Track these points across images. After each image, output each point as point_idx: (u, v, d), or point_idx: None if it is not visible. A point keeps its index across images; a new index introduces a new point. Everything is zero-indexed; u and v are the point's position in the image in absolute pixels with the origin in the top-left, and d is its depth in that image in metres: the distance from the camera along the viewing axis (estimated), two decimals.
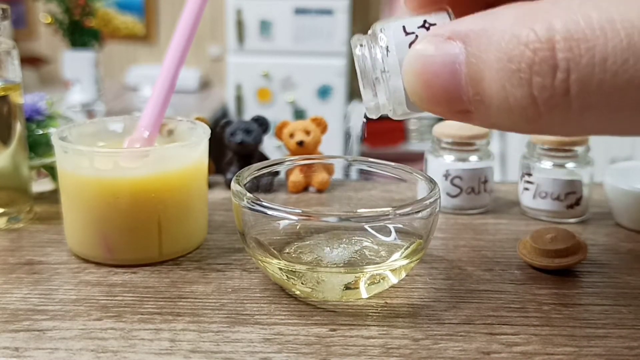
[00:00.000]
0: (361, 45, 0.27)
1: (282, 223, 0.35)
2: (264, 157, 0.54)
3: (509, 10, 0.23)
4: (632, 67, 0.20)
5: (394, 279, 0.34)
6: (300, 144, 0.52)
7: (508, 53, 0.22)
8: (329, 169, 0.50)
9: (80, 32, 2.10)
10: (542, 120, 0.22)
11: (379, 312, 0.33)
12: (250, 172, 0.38)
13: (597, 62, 0.20)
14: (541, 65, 0.21)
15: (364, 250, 0.37)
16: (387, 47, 0.26)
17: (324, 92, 2.50)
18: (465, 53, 0.23)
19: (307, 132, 0.52)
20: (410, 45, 0.26)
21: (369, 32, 0.27)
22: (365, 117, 0.29)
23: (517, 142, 2.48)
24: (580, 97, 0.21)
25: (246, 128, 0.52)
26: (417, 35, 0.26)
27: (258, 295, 0.35)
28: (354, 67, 0.27)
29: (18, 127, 0.45)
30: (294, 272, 0.33)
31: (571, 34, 0.21)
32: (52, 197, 0.50)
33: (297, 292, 0.35)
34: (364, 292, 0.34)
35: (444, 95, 0.24)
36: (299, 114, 2.50)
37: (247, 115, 2.45)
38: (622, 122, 0.22)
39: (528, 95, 0.22)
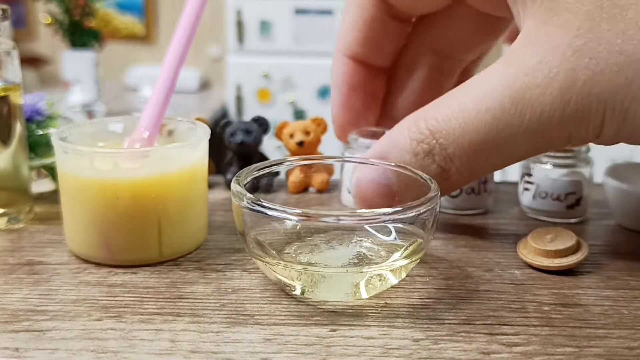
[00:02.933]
0: None
1: (282, 223, 0.35)
2: (264, 158, 0.54)
3: (400, 127, 0.37)
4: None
5: (394, 279, 0.34)
6: (300, 144, 0.52)
7: (414, 151, 0.36)
8: (329, 169, 0.50)
9: (80, 33, 2.10)
10: (451, 178, 0.36)
11: (379, 312, 0.33)
12: (250, 172, 0.38)
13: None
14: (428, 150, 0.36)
15: (364, 250, 0.37)
16: None
17: (324, 93, 2.50)
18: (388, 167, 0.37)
19: (307, 133, 0.52)
20: None
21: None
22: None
23: None
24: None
25: (246, 128, 0.52)
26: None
27: (258, 295, 0.35)
28: None
29: (18, 128, 0.45)
30: (294, 272, 0.33)
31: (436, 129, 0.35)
32: (52, 197, 0.50)
33: (297, 293, 0.35)
34: (364, 292, 0.34)
35: (388, 198, 0.37)
36: (299, 114, 2.50)
37: (247, 116, 2.45)
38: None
39: (439, 169, 0.36)
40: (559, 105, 0.31)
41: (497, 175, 0.50)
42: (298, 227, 0.37)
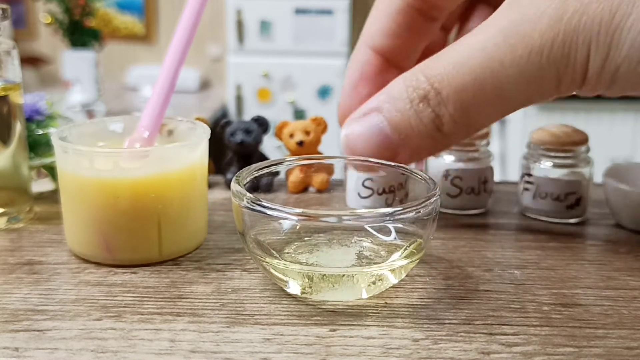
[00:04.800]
0: None
1: (282, 223, 0.35)
2: (264, 157, 0.54)
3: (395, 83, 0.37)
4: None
5: (393, 279, 0.34)
6: (300, 144, 0.52)
7: (410, 98, 0.35)
8: (328, 169, 0.50)
9: (80, 32, 2.10)
10: (445, 127, 0.35)
11: (379, 312, 0.33)
12: (250, 172, 0.38)
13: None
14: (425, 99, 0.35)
15: (364, 250, 0.37)
16: None
17: (324, 92, 2.50)
18: (383, 117, 0.36)
19: (307, 132, 0.52)
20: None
21: None
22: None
23: (517, 142, 2.48)
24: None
25: (246, 128, 0.52)
26: None
27: (258, 295, 0.35)
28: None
29: (18, 127, 0.45)
30: (294, 272, 0.33)
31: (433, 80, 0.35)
32: (52, 197, 0.50)
33: (297, 293, 0.35)
34: (363, 292, 0.34)
35: (381, 150, 0.37)
36: (299, 114, 2.50)
37: (247, 115, 2.45)
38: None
39: (433, 115, 0.35)
40: (547, 40, 0.32)
41: (497, 175, 0.50)
42: (298, 227, 0.37)
